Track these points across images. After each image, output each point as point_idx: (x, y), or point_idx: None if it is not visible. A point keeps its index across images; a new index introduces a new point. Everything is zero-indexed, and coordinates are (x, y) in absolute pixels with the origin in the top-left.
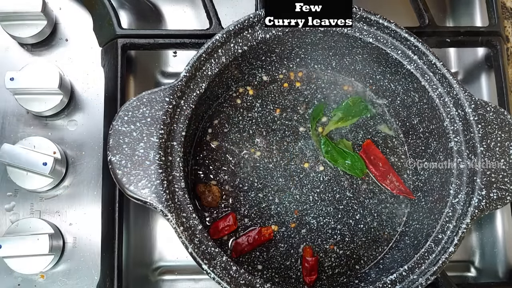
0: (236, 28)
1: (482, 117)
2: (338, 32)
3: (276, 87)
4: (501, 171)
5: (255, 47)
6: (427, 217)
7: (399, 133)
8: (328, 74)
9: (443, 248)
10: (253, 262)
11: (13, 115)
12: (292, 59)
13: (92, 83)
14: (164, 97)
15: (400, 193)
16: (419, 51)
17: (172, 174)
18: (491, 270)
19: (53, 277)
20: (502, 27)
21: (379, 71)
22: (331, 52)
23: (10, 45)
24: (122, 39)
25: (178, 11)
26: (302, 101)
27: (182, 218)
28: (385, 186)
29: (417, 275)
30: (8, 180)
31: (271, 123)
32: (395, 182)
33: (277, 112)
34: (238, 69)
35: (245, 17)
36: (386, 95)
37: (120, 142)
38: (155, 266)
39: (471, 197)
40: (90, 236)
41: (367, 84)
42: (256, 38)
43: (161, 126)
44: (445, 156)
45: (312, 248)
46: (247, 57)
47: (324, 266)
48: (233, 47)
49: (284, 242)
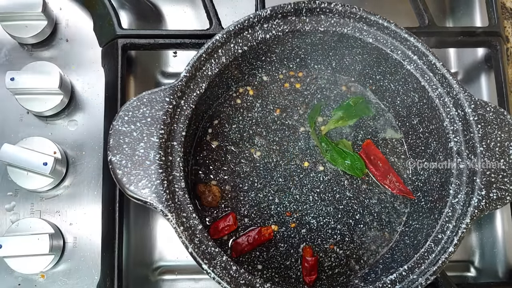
0: (236, 28)
1: (482, 117)
2: (338, 32)
3: (276, 87)
4: (501, 171)
5: (255, 47)
6: (427, 217)
7: (399, 133)
8: (328, 74)
9: (442, 248)
10: (253, 262)
11: (14, 115)
12: (292, 59)
13: (92, 83)
14: (164, 97)
15: (400, 193)
16: (419, 51)
17: (172, 174)
18: (491, 270)
19: (53, 277)
20: (502, 27)
21: (379, 71)
22: (331, 52)
23: (10, 45)
24: (122, 39)
25: (178, 11)
26: (302, 101)
27: (182, 218)
28: (385, 186)
29: (416, 275)
30: (8, 180)
31: (271, 123)
32: (395, 182)
33: (277, 112)
34: (238, 69)
35: (245, 17)
36: (386, 95)
37: (120, 142)
38: (155, 266)
39: (471, 197)
40: (90, 236)
41: (367, 84)
42: (256, 38)
43: (161, 126)
44: (445, 156)
45: (312, 248)
46: (247, 57)
47: (324, 266)
48: (233, 47)
49: (284, 242)
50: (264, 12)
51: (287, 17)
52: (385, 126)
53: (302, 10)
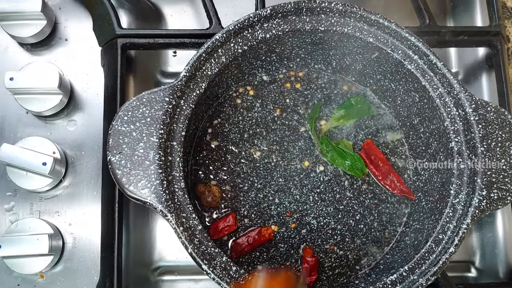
0: (236, 27)
1: (483, 117)
2: (338, 32)
3: (276, 87)
4: (502, 171)
5: (255, 47)
6: (428, 217)
7: (399, 133)
8: (328, 74)
9: (443, 249)
10: (253, 262)
11: (13, 115)
12: (292, 59)
13: (92, 83)
14: (164, 97)
15: (401, 193)
16: (419, 51)
17: (172, 174)
18: (491, 271)
19: (52, 277)
20: (502, 27)
21: (380, 71)
22: (331, 52)
23: (10, 45)
24: (122, 39)
25: (178, 11)
26: (303, 101)
27: (182, 218)
28: (385, 186)
29: (417, 275)
30: (7, 180)
31: (271, 123)
32: (396, 182)
33: (277, 112)
34: (238, 69)
35: (245, 16)
36: (386, 95)
37: (120, 142)
38: (155, 266)
39: (472, 197)
40: (90, 236)
41: (368, 84)
42: (256, 38)
43: (161, 126)
44: (446, 156)
45: (312, 248)
46: (247, 57)
47: (324, 266)
48: (233, 47)
49: (284, 242)
50: (264, 12)
51: (287, 17)
52: (385, 126)
53: (302, 10)
